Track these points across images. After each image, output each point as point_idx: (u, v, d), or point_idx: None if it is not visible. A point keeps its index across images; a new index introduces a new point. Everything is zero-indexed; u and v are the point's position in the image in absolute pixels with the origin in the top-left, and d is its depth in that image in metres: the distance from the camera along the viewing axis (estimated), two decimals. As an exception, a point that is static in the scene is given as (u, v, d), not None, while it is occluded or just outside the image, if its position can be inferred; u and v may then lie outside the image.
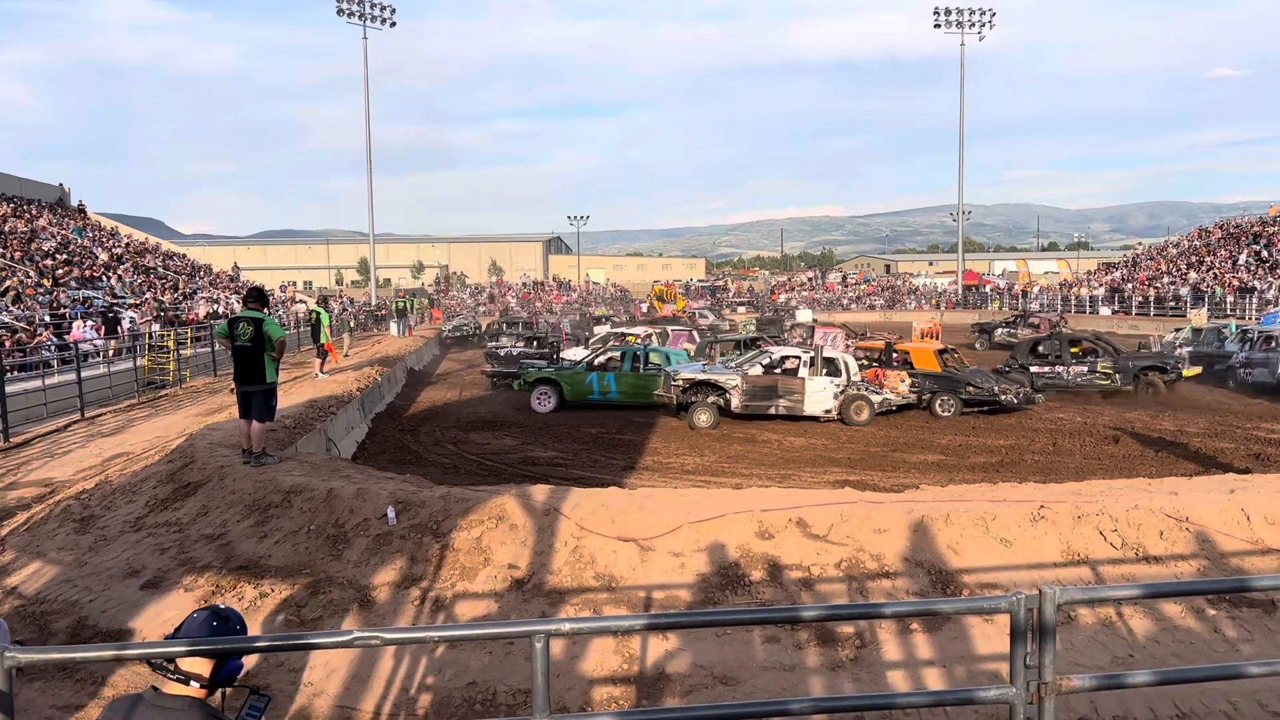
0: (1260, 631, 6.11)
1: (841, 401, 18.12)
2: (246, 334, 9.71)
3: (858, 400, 18.12)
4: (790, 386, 18.36)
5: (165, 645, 2.78)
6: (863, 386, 18.37)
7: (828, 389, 18.20)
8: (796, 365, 18.67)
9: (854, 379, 18.43)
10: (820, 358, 18.58)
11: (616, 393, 20.76)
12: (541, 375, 21.26)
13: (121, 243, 38.28)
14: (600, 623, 4.19)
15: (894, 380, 18.76)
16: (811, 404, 18.20)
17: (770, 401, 18.45)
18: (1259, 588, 4.74)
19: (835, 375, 18.40)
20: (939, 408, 18.87)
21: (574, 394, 20.87)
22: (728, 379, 18.64)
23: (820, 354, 18.74)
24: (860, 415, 18.01)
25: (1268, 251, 46.54)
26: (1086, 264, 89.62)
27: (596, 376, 20.93)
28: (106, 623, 7.07)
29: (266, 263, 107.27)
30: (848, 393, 18.14)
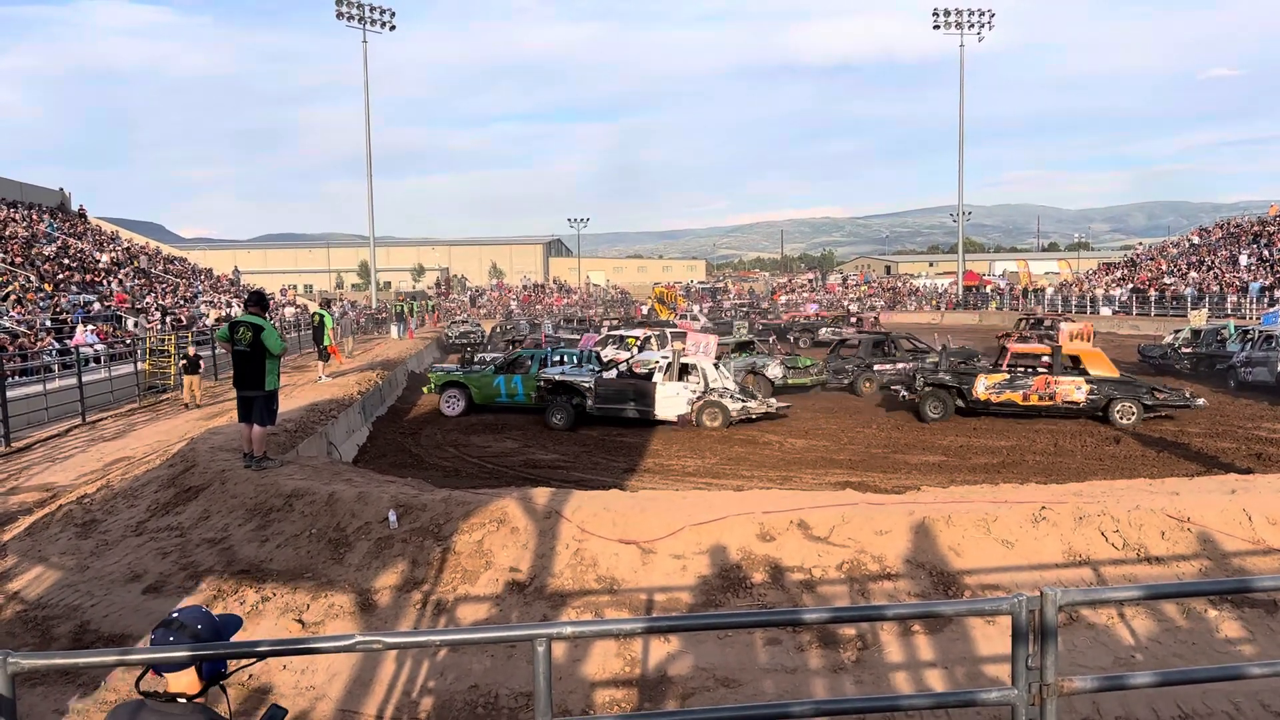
0: (1262, 632, 6.10)
1: (697, 408, 18.29)
2: (246, 339, 9.72)
3: (712, 407, 18.25)
4: (643, 390, 18.67)
5: (166, 651, 2.77)
6: (723, 394, 18.41)
7: (681, 395, 18.41)
8: (651, 370, 19.09)
9: (712, 386, 18.53)
10: (676, 364, 18.76)
11: (524, 395, 20.73)
12: (450, 379, 21.33)
13: (122, 247, 38.30)
14: (601, 626, 4.19)
15: (1068, 387, 17.80)
16: (663, 408, 18.46)
17: (623, 404, 18.75)
18: (1261, 588, 4.74)
19: (692, 381, 18.59)
20: (1119, 415, 17.50)
21: (482, 397, 20.90)
22: (582, 381, 19.11)
23: (676, 360, 18.90)
24: (713, 421, 18.12)
25: (1268, 250, 46.53)
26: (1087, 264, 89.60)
27: (504, 379, 20.93)
28: (109, 627, 7.07)
29: (267, 266, 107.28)
30: (705, 399, 18.30)
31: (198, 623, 2.87)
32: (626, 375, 19.39)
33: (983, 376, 18.47)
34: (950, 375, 18.88)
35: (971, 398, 18.28)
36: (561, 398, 19.05)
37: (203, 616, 2.92)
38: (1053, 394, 17.89)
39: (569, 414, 18.82)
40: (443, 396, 21.02)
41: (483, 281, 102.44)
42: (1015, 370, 18.63)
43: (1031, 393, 17.98)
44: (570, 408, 18.88)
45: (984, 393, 18.20)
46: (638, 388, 18.74)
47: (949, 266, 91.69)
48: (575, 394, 19.00)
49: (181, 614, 2.91)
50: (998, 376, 18.36)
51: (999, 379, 18.28)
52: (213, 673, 2.88)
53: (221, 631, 2.92)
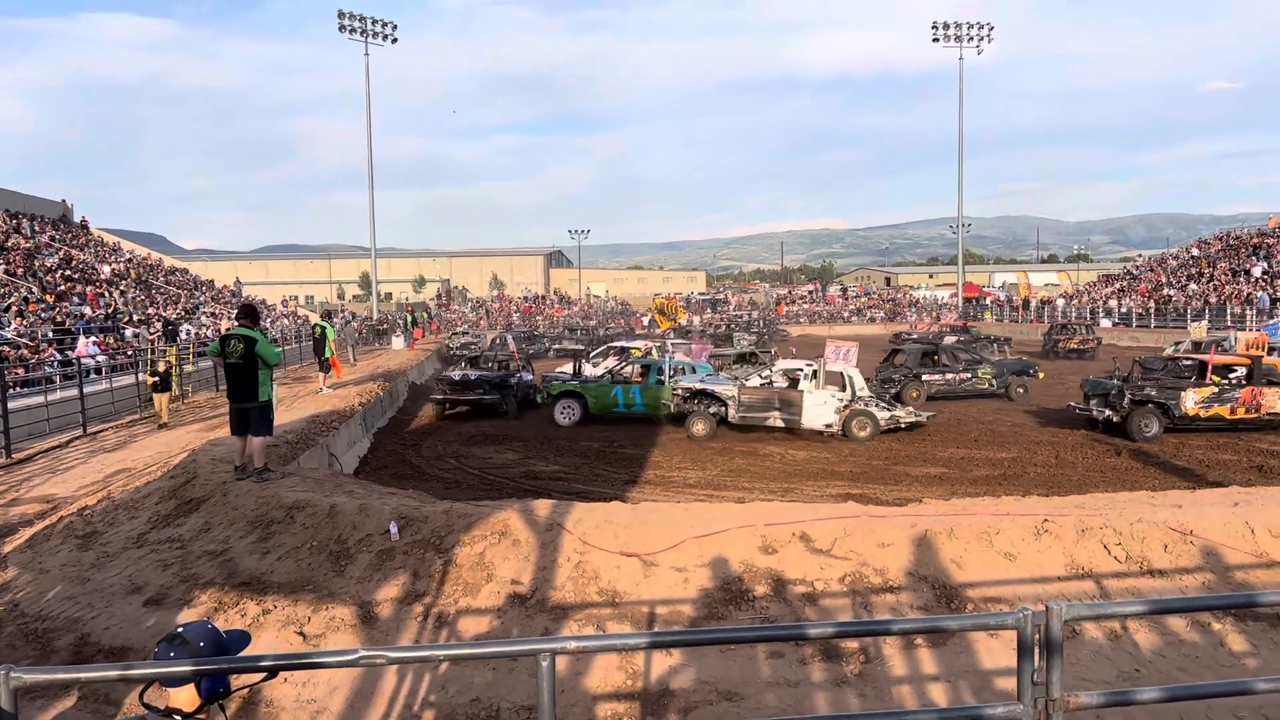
0: (1267, 646, 6.08)
1: (845, 416, 17.91)
2: (238, 351, 9.74)
3: (861, 416, 17.89)
4: (789, 399, 18.23)
5: (170, 666, 2.76)
6: (869, 402, 18.07)
7: (828, 403, 17.98)
8: (798, 378, 18.58)
9: (859, 394, 18.18)
10: (823, 371, 18.38)
11: (641, 404, 20.65)
12: (565, 388, 21.08)
13: (124, 258, 38.34)
14: (605, 641, 4.18)
15: (1272, 398, 17.20)
16: (810, 417, 18.00)
17: (768, 413, 18.33)
18: (1266, 604, 4.72)
19: (841, 391, 18.15)
20: None
21: (598, 406, 20.77)
22: (725, 390, 18.67)
23: (823, 367, 18.53)
24: (862, 431, 17.78)
25: (1269, 263, 46.56)
26: (1087, 276, 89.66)
27: (621, 389, 20.81)
28: (109, 640, 7.05)
29: (268, 278, 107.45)
30: (852, 408, 17.94)
31: (200, 639, 2.84)
32: (770, 383, 18.85)
33: (1191, 391, 17.35)
34: (1156, 390, 17.55)
35: (1179, 414, 17.22)
36: (702, 406, 18.75)
37: (207, 633, 2.88)
38: (1258, 405, 17.23)
39: (711, 423, 18.50)
40: (557, 406, 20.81)
41: (484, 293, 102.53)
42: (1222, 383, 17.66)
43: (1239, 406, 17.24)
44: (711, 417, 18.58)
45: (1194, 408, 17.22)
46: (784, 396, 18.26)
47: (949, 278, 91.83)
48: (717, 403, 18.71)
49: (186, 629, 2.88)
50: (1206, 390, 17.35)
51: (1208, 393, 17.31)
52: (211, 691, 2.84)
53: (227, 648, 2.87)
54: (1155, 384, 17.80)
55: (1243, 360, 18.29)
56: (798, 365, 19.22)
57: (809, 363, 19.25)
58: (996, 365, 24.61)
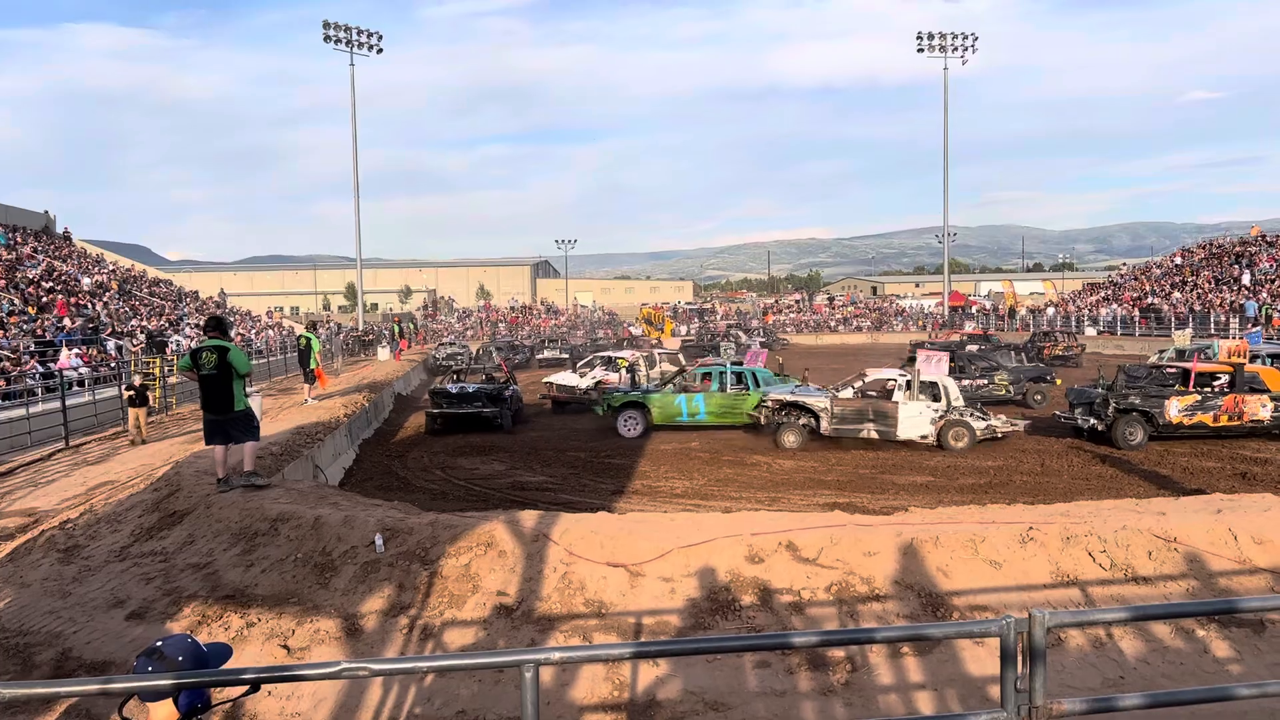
0: (1250, 651, 6.11)
1: (940, 427, 17.60)
2: (211, 362, 9.71)
3: (957, 426, 17.55)
4: (883, 410, 17.93)
5: (150, 679, 2.74)
6: (965, 412, 17.77)
7: (924, 414, 17.68)
8: (892, 389, 18.28)
9: (955, 404, 17.82)
10: (918, 381, 18.07)
11: (706, 414, 20.54)
12: (628, 399, 20.81)
13: (107, 270, 38.15)
14: (590, 651, 4.17)
15: (1254, 405, 17.36)
16: (905, 429, 17.72)
17: (861, 425, 18.06)
18: (1248, 609, 4.75)
19: (935, 401, 17.87)
20: None
21: (662, 417, 20.61)
22: (817, 401, 18.40)
23: (917, 378, 18.17)
24: (959, 442, 17.40)
25: (1251, 272, 46.92)
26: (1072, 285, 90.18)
27: (685, 398, 20.65)
28: (91, 654, 6.99)
29: (253, 289, 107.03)
30: (948, 418, 17.62)
31: (180, 653, 2.80)
32: (864, 395, 18.52)
33: (1174, 399, 17.47)
34: (1140, 398, 17.65)
35: (1163, 421, 17.33)
36: (792, 418, 18.51)
37: (187, 647, 2.84)
38: (1241, 413, 17.36)
39: (803, 435, 18.29)
40: (620, 418, 20.56)
41: (470, 303, 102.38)
42: (1205, 391, 17.80)
43: (1221, 413, 17.35)
44: (802, 429, 18.37)
45: (1177, 415, 17.34)
46: (877, 408, 17.97)
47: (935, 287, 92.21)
48: (808, 414, 18.48)
49: (165, 643, 2.84)
50: (1190, 398, 17.48)
51: (1191, 400, 17.43)
52: (190, 706, 2.80)
53: (207, 661, 2.83)
54: (1139, 392, 17.84)
55: (1225, 368, 18.39)
56: (890, 375, 18.88)
57: (902, 373, 18.88)
58: (1013, 372, 24.60)
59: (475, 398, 21.81)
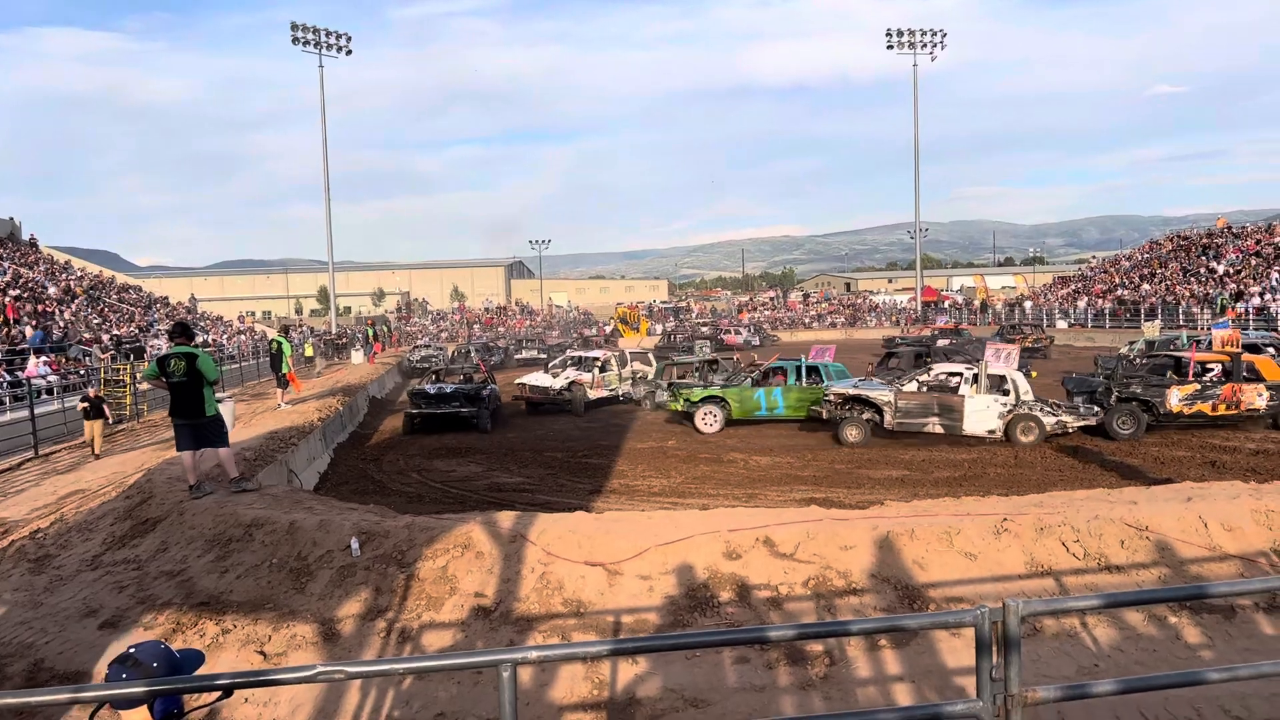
0: (1220, 637, 6.19)
1: (1008, 421, 17.36)
2: (180, 369, 9.65)
3: (1026, 420, 17.28)
4: (949, 404, 17.75)
5: (123, 687, 2.71)
6: (1034, 406, 17.47)
7: (991, 408, 17.46)
8: (958, 383, 18.10)
9: (1024, 398, 17.52)
10: (985, 374, 17.82)
11: (784, 407, 20.45)
12: (708, 394, 20.58)
13: (75, 276, 37.71)
14: (567, 650, 4.17)
15: (1251, 394, 17.39)
16: (972, 423, 17.53)
17: (926, 419, 17.90)
18: (1217, 594, 4.81)
19: (1004, 394, 17.63)
20: None
21: (741, 411, 20.50)
22: (881, 395, 18.24)
23: (984, 371, 17.94)
24: (1027, 436, 17.15)
25: (1217, 262, 47.52)
26: (1042, 278, 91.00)
27: (764, 392, 20.55)
28: (64, 664, 6.91)
29: (224, 294, 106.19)
30: (1016, 412, 17.35)
31: (154, 660, 2.79)
32: (929, 389, 18.34)
33: (1175, 388, 17.56)
34: (1142, 388, 17.80)
35: (1164, 411, 17.45)
36: (855, 413, 18.34)
37: (160, 653, 2.83)
38: (1238, 402, 17.43)
39: (865, 430, 18.13)
40: (699, 413, 20.30)
41: (444, 305, 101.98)
42: (1204, 380, 17.92)
43: (1220, 402, 17.44)
44: (866, 424, 18.22)
45: (1178, 405, 17.44)
46: (943, 401, 17.77)
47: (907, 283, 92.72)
48: (871, 409, 18.31)
49: (138, 650, 2.82)
50: (1190, 387, 17.57)
51: (1191, 390, 17.52)
52: (165, 713, 2.79)
53: (180, 668, 2.83)
54: (1141, 381, 18.04)
55: (1221, 357, 18.55)
56: (957, 369, 18.72)
57: (969, 366, 18.69)
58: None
59: (454, 398, 21.66)
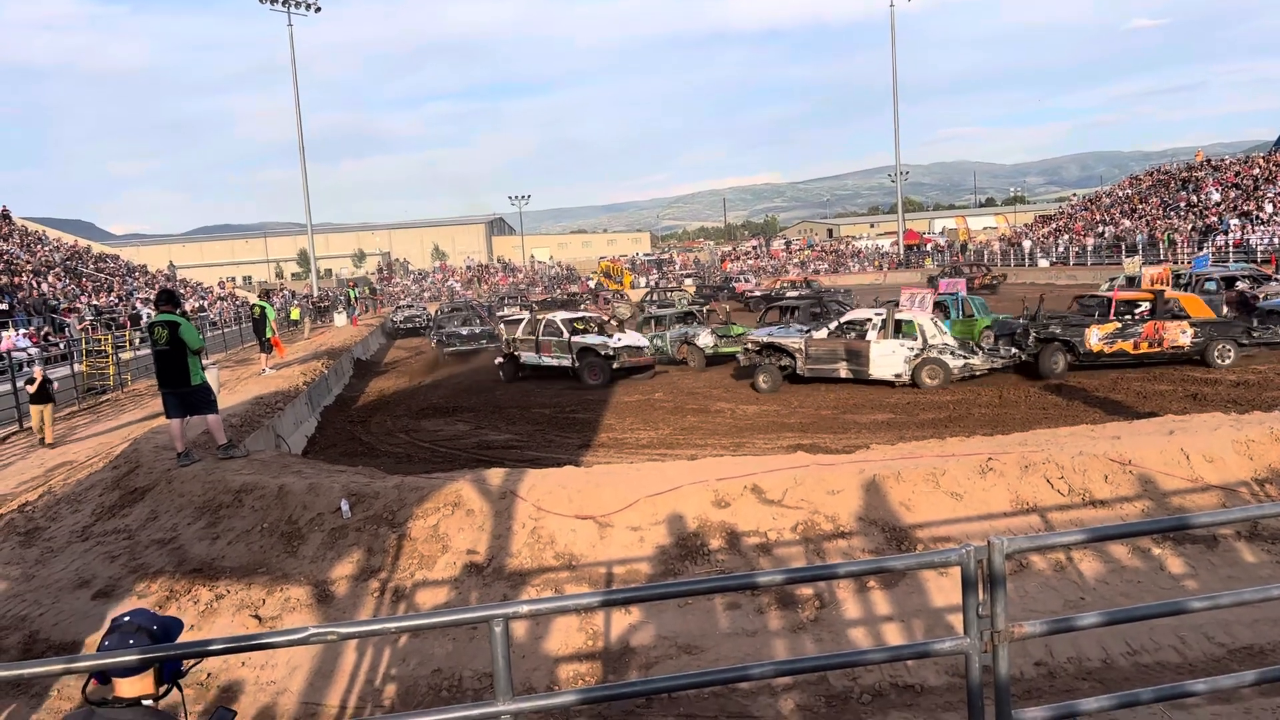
0: (1204, 566, 6.30)
1: (915, 365, 17.39)
2: (163, 338, 9.55)
3: (932, 364, 17.29)
4: (856, 350, 17.91)
5: (114, 655, 2.72)
6: (942, 350, 17.46)
7: (897, 353, 17.53)
8: (865, 328, 18.21)
9: (931, 342, 17.52)
10: (891, 320, 17.88)
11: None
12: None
13: (50, 247, 37.27)
14: (558, 603, 4.20)
15: (1174, 332, 17.34)
16: (878, 368, 17.66)
17: (835, 364, 18.11)
18: (1199, 524, 4.88)
19: (910, 339, 17.66)
20: (1217, 356, 17.19)
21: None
22: (792, 342, 18.42)
23: (891, 316, 18.01)
24: (933, 380, 17.19)
25: (1196, 196, 47.60)
26: (1024, 217, 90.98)
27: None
28: (59, 635, 6.94)
29: (203, 259, 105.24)
30: (923, 356, 17.36)
31: (152, 623, 2.84)
32: (837, 334, 18.47)
33: (1095, 328, 17.63)
34: (1060, 328, 17.87)
35: (1084, 350, 17.57)
36: (769, 360, 18.56)
37: (154, 617, 2.89)
38: (1161, 339, 17.44)
39: (776, 377, 18.29)
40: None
41: (425, 264, 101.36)
42: (1125, 319, 17.95)
43: (1142, 340, 17.47)
44: (778, 370, 18.43)
45: (1097, 344, 17.53)
46: (851, 347, 17.95)
47: (889, 227, 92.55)
48: (785, 355, 18.49)
49: (133, 616, 2.86)
50: (1110, 326, 17.64)
51: (1111, 329, 17.60)
52: (173, 672, 2.86)
53: (170, 631, 2.88)
54: (1060, 322, 18.21)
55: (1146, 295, 18.64)
56: (866, 315, 18.78)
57: (878, 312, 18.74)
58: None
59: (482, 336, 29.80)
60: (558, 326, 21.80)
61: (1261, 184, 44.59)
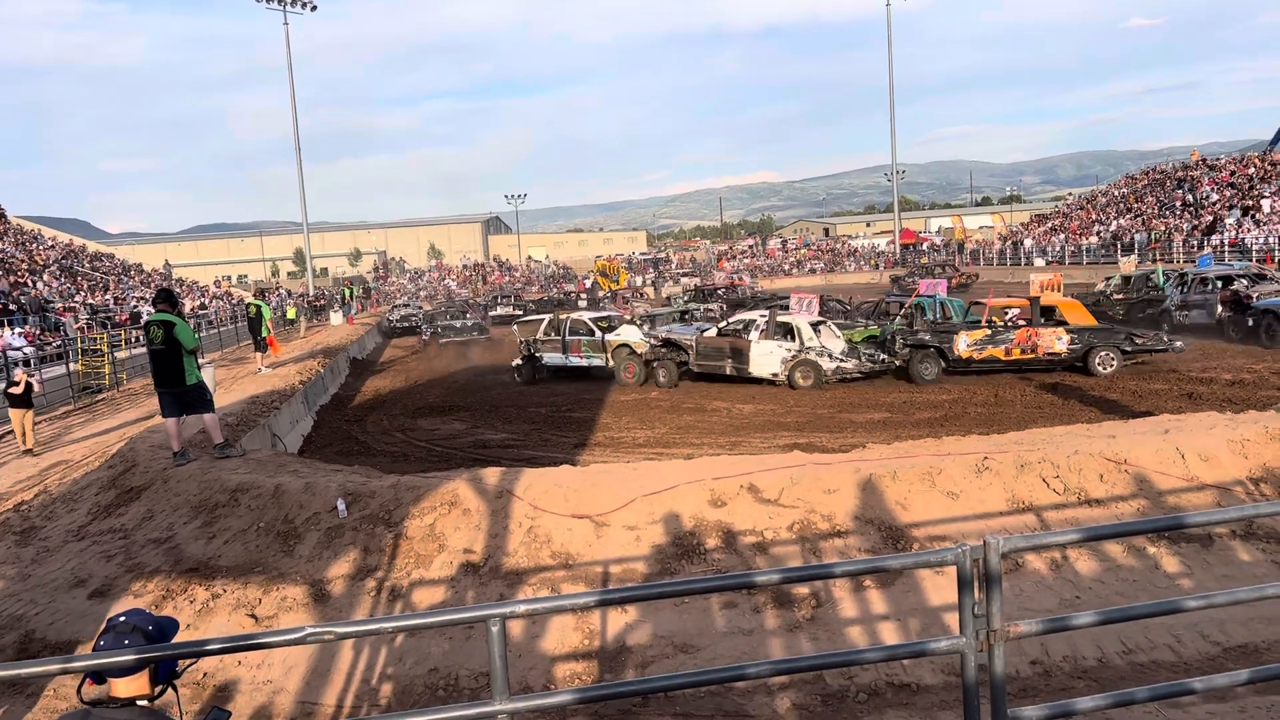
0: (1199, 565, 6.31)
1: (791, 366, 18.15)
2: (158, 337, 9.54)
3: (805, 366, 18.04)
4: (739, 348, 18.78)
5: (111, 655, 2.72)
6: (819, 353, 18.10)
7: (775, 353, 18.35)
8: (748, 328, 19.08)
9: (807, 344, 18.23)
10: (773, 323, 18.68)
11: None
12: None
13: (45, 246, 37.19)
14: (555, 602, 4.20)
15: (1049, 338, 17.49)
16: (757, 366, 18.52)
17: (721, 362, 19.00)
18: (1194, 524, 4.89)
19: (790, 341, 18.42)
20: (1099, 364, 17.24)
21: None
22: (686, 340, 19.47)
23: (773, 319, 18.82)
24: (805, 380, 17.93)
25: (1192, 195, 47.66)
26: (1020, 217, 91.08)
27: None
28: (55, 635, 6.93)
29: (199, 258, 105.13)
30: (799, 358, 18.10)
31: (148, 624, 2.85)
32: (725, 334, 19.43)
33: (963, 334, 17.93)
34: (930, 334, 18.35)
35: (953, 356, 17.84)
36: (669, 357, 19.68)
37: (149, 617, 2.89)
38: (1034, 346, 17.56)
39: (674, 372, 19.47)
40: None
41: (421, 263, 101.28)
42: (996, 325, 18.10)
43: (1014, 346, 17.61)
44: (676, 366, 19.52)
45: (966, 350, 17.76)
46: (734, 346, 18.90)
47: (886, 226, 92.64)
48: (682, 352, 19.49)
49: (129, 616, 2.86)
50: (979, 333, 17.86)
51: (980, 335, 17.82)
52: (169, 672, 2.86)
53: (166, 631, 2.89)
54: (930, 328, 18.64)
55: (1021, 303, 18.89)
56: (752, 316, 19.75)
57: (762, 314, 19.69)
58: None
59: (474, 328, 33.65)
60: (588, 326, 21.88)
61: (1257, 183, 44.67)
